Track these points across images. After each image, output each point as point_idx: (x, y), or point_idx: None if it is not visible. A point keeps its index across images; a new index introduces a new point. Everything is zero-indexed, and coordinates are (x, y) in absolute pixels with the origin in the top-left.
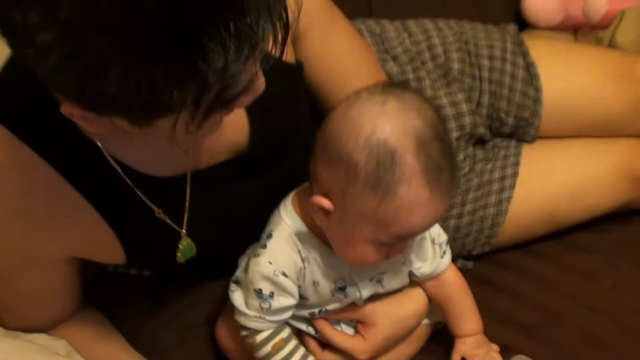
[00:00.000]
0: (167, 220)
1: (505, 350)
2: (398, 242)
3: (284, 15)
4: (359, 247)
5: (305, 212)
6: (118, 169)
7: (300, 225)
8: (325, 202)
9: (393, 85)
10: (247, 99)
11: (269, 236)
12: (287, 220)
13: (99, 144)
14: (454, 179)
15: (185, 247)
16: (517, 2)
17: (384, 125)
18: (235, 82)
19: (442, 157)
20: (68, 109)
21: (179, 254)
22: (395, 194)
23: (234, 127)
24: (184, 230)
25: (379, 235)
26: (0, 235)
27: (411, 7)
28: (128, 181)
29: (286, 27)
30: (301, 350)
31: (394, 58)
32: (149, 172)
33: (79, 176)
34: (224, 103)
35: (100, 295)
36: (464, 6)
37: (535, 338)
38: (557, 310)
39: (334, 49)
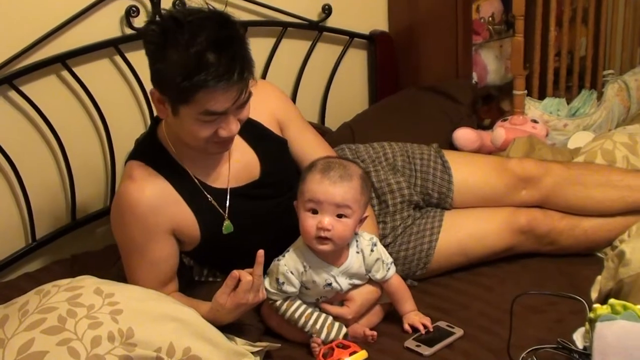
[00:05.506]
0: (216, 205)
1: (433, 321)
2: (317, 212)
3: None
4: (302, 217)
5: None
6: (196, 181)
7: (305, 248)
8: (295, 203)
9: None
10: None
11: (287, 251)
12: (298, 243)
13: (186, 167)
14: (344, 181)
15: (227, 225)
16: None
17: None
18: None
19: (335, 169)
20: (154, 94)
21: (223, 228)
22: (306, 178)
23: (251, 166)
24: (225, 214)
25: (304, 202)
26: (142, 221)
27: (378, 138)
28: (200, 186)
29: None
30: (304, 306)
31: (363, 161)
32: (211, 184)
33: (176, 182)
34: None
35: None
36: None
37: (452, 316)
38: (466, 303)
39: (307, 138)
